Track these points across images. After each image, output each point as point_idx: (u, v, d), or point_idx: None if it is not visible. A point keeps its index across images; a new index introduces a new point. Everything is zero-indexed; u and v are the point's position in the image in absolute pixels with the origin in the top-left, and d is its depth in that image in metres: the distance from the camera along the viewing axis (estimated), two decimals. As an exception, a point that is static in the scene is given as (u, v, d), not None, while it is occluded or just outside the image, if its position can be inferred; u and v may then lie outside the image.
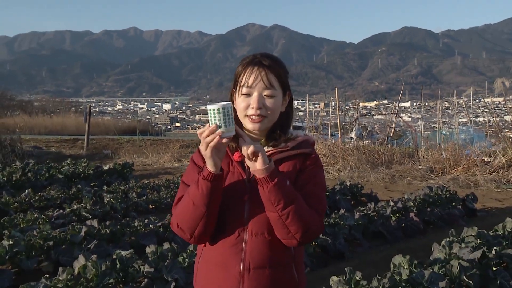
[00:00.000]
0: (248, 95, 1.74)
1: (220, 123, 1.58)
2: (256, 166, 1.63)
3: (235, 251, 1.71)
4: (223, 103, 1.61)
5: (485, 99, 20.31)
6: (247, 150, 1.61)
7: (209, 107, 1.59)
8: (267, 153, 1.76)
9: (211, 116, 1.59)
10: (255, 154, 1.62)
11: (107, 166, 11.36)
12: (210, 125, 1.59)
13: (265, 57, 1.77)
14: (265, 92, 1.74)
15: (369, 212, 6.40)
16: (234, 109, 1.79)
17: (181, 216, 1.72)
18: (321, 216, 1.74)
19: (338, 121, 16.29)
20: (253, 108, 1.73)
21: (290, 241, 1.68)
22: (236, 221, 1.72)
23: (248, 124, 1.75)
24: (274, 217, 1.65)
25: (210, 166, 1.63)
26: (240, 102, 1.76)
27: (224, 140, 1.60)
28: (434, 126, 26.02)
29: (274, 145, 1.79)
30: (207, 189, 1.63)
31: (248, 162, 1.66)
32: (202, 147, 1.62)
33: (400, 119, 20.48)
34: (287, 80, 1.82)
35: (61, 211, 6.77)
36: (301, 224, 1.64)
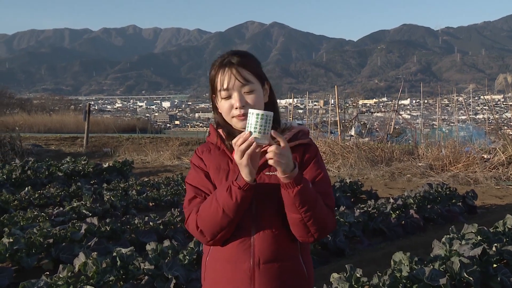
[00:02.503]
0: (229, 97, 1.76)
1: (255, 129, 1.57)
2: (279, 173, 1.62)
3: (244, 247, 1.72)
4: (265, 111, 1.59)
5: (485, 97, 20.31)
6: (270, 161, 1.59)
7: (252, 110, 1.59)
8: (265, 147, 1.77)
9: (249, 120, 1.58)
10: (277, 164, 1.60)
11: (107, 164, 11.36)
12: (247, 128, 1.58)
13: (234, 55, 1.77)
14: (244, 89, 1.75)
15: (369, 210, 6.40)
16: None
17: (206, 221, 1.71)
18: (333, 212, 1.78)
19: (337, 118, 16.29)
20: (236, 108, 1.74)
21: (307, 239, 1.72)
22: (243, 218, 1.72)
23: (237, 124, 1.77)
24: (296, 218, 1.67)
25: (246, 176, 1.62)
26: (223, 105, 1.78)
27: (258, 149, 1.59)
28: (433, 124, 26.03)
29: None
30: (242, 198, 1.63)
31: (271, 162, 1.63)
32: (237, 156, 1.60)
33: (400, 116, 20.49)
34: (262, 71, 1.83)
35: (61, 208, 6.77)
36: (321, 223, 1.69)
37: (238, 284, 1.72)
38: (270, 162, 1.59)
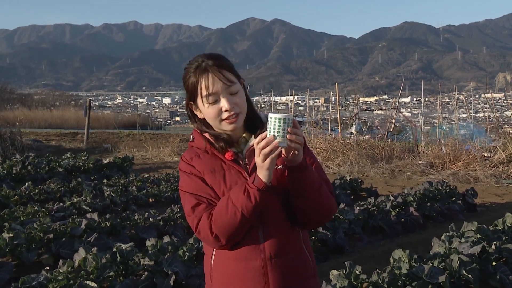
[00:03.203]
0: (216, 101, 1.75)
1: (278, 133, 1.58)
2: (293, 157, 1.64)
3: (253, 245, 1.73)
4: (286, 114, 1.60)
5: (485, 95, 20.28)
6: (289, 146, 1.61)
7: (273, 115, 1.59)
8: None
9: (273, 124, 1.58)
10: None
11: (107, 159, 11.37)
12: (269, 133, 1.59)
13: (209, 59, 1.75)
14: (230, 91, 1.75)
15: (369, 207, 6.40)
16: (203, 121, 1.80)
17: (223, 225, 1.69)
18: (334, 196, 1.83)
19: (338, 116, 16.29)
20: (227, 110, 1.74)
21: (312, 225, 1.81)
22: None
23: (226, 127, 1.77)
24: (305, 202, 1.71)
25: (264, 177, 1.63)
26: (209, 110, 1.76)
27: (278, 150, 1.60)
28: (434, 122, 26.02)
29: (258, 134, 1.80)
30: (261, 200, 1.64)
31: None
32: (259, 159, 1.60)
33: (400, 114, 20.49)
34: (235, 69, 1.83)
35: (61, 204, 6.78)
36: (327, 207, 1.75)
37: (251, 282, 1.72)
38: (293, 146, 1.60)
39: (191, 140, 1.89)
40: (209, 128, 1.82)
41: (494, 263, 3.97)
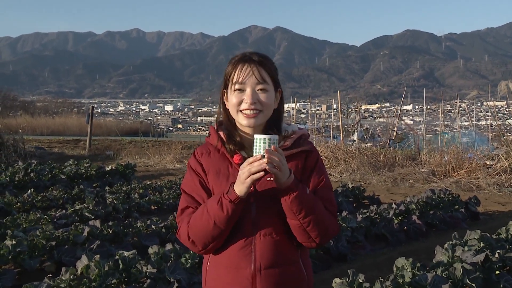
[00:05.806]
0: (241, 90, 1.75)
1: (263, 152, 1.58)
2: (275, 180, 1.64)
3: (245, 253, 1.72)
4: (270, 135, 1.61)
5: (488, 103, 20.27)
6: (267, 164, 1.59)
7: (257, 136, 1.60)
8: None
9: (256, 145, 1.60)
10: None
11: (110, 167, 11.38)
12: (255, 153, 1.59)
13: (255, 54, 1.79)
14: (258, 87, 1.75)
15: (371, 215, 6.39)
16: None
17: (197, 232, 1.72)
18: (336, 217, 1.79)
19: (340, 123, 16.30)
20: (246, 103, 1.74)
21: (310, 244, 1.73)
22: (244, 224, 1.73)
23: (242, 120, 1.76)
24: (295, 224, 1.69)
25: (240, 192, 1.63)
26: (232, 98, 1.77)
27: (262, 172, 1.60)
28: (436, 129, 25.98)
29: None
30: (233, 212, 1.65)
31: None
32: (243, 175, 1.60)
33: (402, 122, 20.49)
34: (278, 77, 1.84)
35: (64, 211, 6.78)
36: (321, 229, 1.70)
37: None
38: (268, 169, 1.59)
39: (207, 135, 1.92)
40: (227, 123, 1.83)
41: (497, 272, 3.94)
